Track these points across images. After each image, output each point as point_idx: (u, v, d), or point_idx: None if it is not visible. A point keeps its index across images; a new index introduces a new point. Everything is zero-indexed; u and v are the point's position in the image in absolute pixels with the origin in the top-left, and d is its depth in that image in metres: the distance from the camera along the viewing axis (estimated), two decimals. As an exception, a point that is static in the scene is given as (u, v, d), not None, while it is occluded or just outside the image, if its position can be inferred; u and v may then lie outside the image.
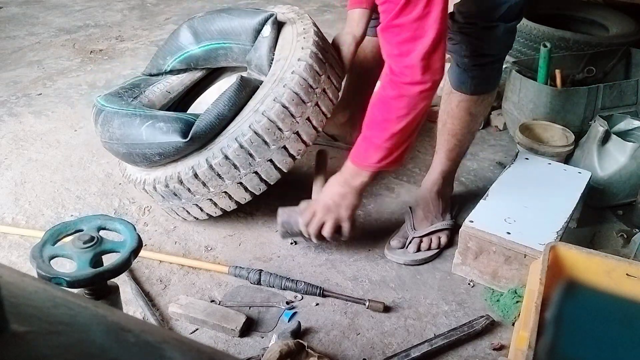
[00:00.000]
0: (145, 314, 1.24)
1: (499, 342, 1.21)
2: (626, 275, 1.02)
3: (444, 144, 1.46)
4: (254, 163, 1.33)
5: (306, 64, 1.36)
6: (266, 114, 1.31)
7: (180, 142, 1.31)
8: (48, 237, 0.92)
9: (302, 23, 1.50)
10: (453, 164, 1.50)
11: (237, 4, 3.41)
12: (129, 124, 1.37)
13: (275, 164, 1.36)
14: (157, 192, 1.41)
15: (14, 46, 2.73)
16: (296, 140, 1.36)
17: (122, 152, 1.41)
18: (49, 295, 0.30)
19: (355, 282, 1.36)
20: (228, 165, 1.32)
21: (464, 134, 1.43)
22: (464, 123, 1.41)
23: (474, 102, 1.38)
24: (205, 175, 1.33)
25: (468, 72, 1.34)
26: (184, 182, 1.35)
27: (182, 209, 1.44)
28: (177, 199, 1.40)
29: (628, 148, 1.56)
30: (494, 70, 1.37)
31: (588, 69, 2.01)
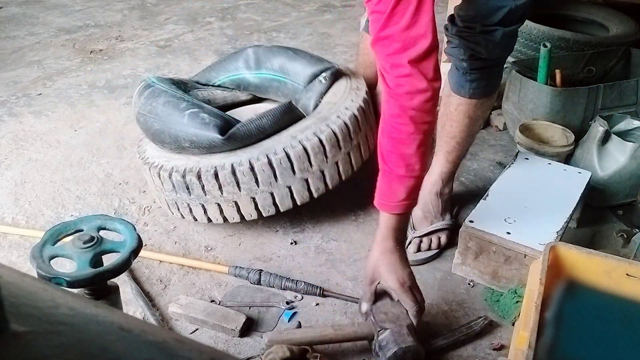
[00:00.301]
0: (145, 314, 1.24)
1: (499, 342, 1.21)
2: (626, 275, 1.02)
3: (443, 146, 1.46)
4: (274, 184, 1.37)
5: (352, 114, 1.45)
6: (303, 143, 1.37)
7: (216, 138, 1.34)
8: (48, 237, 0.92)
9: (357, 81, 1.60)
10: (452, 165, 1.50)
11: (237, 4, 3.41)
12: (175, 105, 1.41)
13: (292, 192, 1.40)
14: (170, 180, 1.40)
15: (14, 46, 2.73)
16: (319, 178, 1.42)
17: (155, 127, 1.42)
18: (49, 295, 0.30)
19: (355, 282, 1.36)
20: (250, 176, 1.35)
21: (463, 137, 1.43)
22: (463, 126, 1.41)
23: (473, 106, 1.38)
24: (225, 178, 1.35)
25: (467, 75, 1.34)
26: (202, 178, 1.36)
27: (186, 205, 1.44)
28: (187, 193, 1.40)
29: (628, 148, 1.56)
30: (492, 74, 1.36)
31: (588, 69, 2.00)
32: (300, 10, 3.33)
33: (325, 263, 1.42)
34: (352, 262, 1.42)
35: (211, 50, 2.74)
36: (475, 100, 1.37)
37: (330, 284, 1.35)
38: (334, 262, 1.42)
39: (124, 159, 1.84)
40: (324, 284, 1.34)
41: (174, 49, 2.74)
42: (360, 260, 1.43)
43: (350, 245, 1.48)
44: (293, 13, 3.26)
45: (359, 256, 1.45)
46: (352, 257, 1.44)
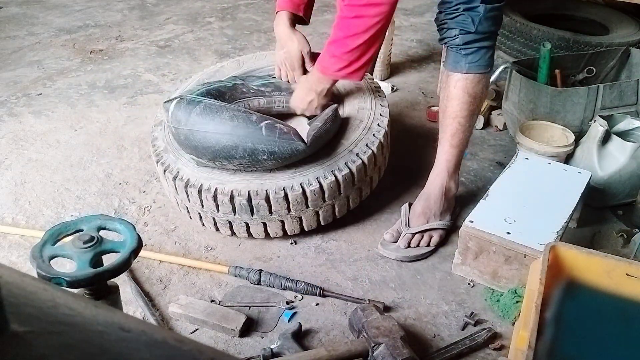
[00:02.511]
0: (145, 314, 1.24)
1: (499, 342, 1.21)
2: (626, 275, 1.02)
3: (446, 130, 1.48)
4: (337, 197, 1.43)
5: (388, 121, 1.53)
6: (360, 156, 1.42)
7: (301, 146, 1.33)
8: (48, 237, 0.92)
9: (371, 81, 1.68)
10: (456, 151, 1.49)
11: (237, 4, 3.41)
12: (246, 119, 1.35)
13: (349, 201, 1.48)
14: (232, 203, 1.37)
15: (14, 46, 2.73)
16: (368, 184, 1.53)
17: (224, 144, 1.33)
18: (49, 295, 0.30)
19: (355, 282, 1.36)
20: (319, 194, 1.38)
21: (465, 116, 1.45)
22: (463, 104, 1.44)
23: (470, 82, 1.43)
24: (295, 198, 1.36)
25: (461, 51, 1.42)
26: (270, 200, 1.35)
27: (243, 223, 1.42)
28: (249, 214, 1.39)
29: (628, 148, 1.56)
30: (483, 48, 1.42)
31: (588, 69, 2.01)
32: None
33: (325, 263, 1.42)
34: (352, 262, 1.42)
35: (211, 50, 2.74)
36: (472, 76, 1.43)
37: (330, 284, 1.35)
38: (334, 262, 1.42)
39: (124, 159, 1.84)
40: (324, 284, 1.34)
41: (174, 49, 2.74)
42: (360, 260, 1.43)
43: (350, 245, 1.48)
44: (293, 13, 3.25)
45: (359, 256, 1.45)
46: (352, 257, 1.44)
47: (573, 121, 1.77)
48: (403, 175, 1.80)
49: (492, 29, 1.42)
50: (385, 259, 1.44)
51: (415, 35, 3.02)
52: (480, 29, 1.39)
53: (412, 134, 2.05)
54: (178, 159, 1.45)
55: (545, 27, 2.18)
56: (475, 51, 1.42)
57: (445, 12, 1.41)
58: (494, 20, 1.41)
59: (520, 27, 2.21)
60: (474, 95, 1.45)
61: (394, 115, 2.16)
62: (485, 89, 1.48)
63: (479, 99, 1.47)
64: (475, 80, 1.44)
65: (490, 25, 1.40)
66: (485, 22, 1.39)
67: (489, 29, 1.41)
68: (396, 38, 2.72)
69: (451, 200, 1.54)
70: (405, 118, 2.16)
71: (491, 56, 1.45)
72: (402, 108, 2.23)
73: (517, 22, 2.22)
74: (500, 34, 2.28)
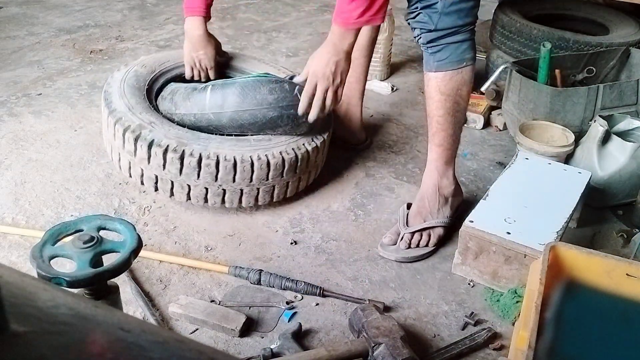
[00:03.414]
0: (145, 314, 1.24)
1: (499, 342, 1.21)
2: (626, 275, 1.02)
3: (429, 130, 1.48)
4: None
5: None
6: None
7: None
8: (48, 237, 0.92)
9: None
10: (441, 150, 1.47)
11: (237, 4, 3.41)
12: (281, 88, 1.45)
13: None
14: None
15: (14, 46, 2.73)
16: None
17: (270, 116, 1.46)
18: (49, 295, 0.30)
19: (355, 282, 1.36)
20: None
21: (442, 115, 1.43)
22: (437, 102, 1.42)
23: (441, 80, 1.40)
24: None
25: (428, 50, 1.41)
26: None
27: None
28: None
29: (628, 148, 1.56)
30: (452, 44, 1.38)
31: (588, 69, 2.01)
32: (300, 10, 3.33)
33: (325, 263, 1.42)
34: (352, 262, 1.42)
35: (211, 50, 2.74)
36: (442, 73, 1.40)
37: (330, 284, 1.35)
38: (334, 262, 1.42)
39: (124, 159, 1.83)
40: (324, 284, 1.34)
41: (174, 49, 2.74)
42: (360, 260, 1.43)
43: (350, 245, 1.48)
44: (293, 13, 3.26)
45: (359, 256, 1.45)
46: (352, 257, 1.44)
47: (573, 121, 1.77)
48: (403, 175, 1.80)
49: (458, 22, 1.37)
50: (385, 259, 1.44)
51: (415, 35, 3.02)
52: (442, 25, 1.36)
53: (412, 134, 2.05)
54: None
55: (545, 27, 2.18)
56: (443, 48, 1.38)
57: (407, 11, 1.40)
58: (459, 15, 1.36)
59: (520, 27, 2.21)
60: (448, 93, 1.41)
61: (394, 115, 2.16)
62: (463, 85, 1.42)
63: (456, 96, 1.43)
64: (447, 77, 1.40)
65: (455, 19, 1.36)
66: (446, 18, 1.35)
67: (453, 24, 1.36)
68: (396, 38, 2.72)
69: (447, 196, 1.52)
70: (405, 118, 2.16)
71: (465, 50, 1.40)
72: (402, 108, 2.23)
73: (517, 22, 2.22)
74: (500, 34, 2.29)
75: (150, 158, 1.42)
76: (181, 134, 1.45)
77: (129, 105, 1.50)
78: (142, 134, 1.42)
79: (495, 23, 2.34)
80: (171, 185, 1.47)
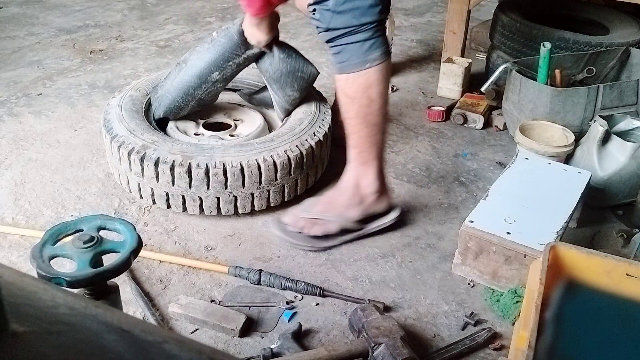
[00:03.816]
0: (145, 314, 1.24)
1: (499, 342, 1.21)
2: (626, 275, 1.02)
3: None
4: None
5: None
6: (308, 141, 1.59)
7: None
8: (48, 237, 0.92)
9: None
10: (356, 152, 1.41)
11: (237, 4, 3.41)
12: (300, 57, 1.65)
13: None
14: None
15: (14, 46, 2.73)
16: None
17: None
18: (49, 295, 0.30)
19: (355, 282, 1.36)
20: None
21: (350, 118, 1.37)
22: (345, 105, 1.37)
23: (344, 82, 1.34)
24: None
25: (330, 51, 1.35)
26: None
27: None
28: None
29: (628, 148, 1.56)
30: (349, 46, 1.29)
31: (588, 69, 2.01)
32: (300, 10, 3.33)
33: (325, 263, 1.42)
34: (352, 262, 1.42)
35: (211, 50, 2.74)
36: (345, 76, 1.33)
37: (330, 284, 1.35)
38: (334, 262, 1.42)
39: (124, 159, 1.83)
40: (324, 284, 1.34)
41: (174, 49, 2.74)
42: (360, 260, 1.43)
43: (350, 245, 1.48)
44: (293, 13, 3.26)
45: (359, 256, 1.45)
46: (352, 257, 1.44)
47: (573, 121, 1.77)
48: (403, 175, 1.80)
49: (353, 22, 1.26)
50: (385, 259, 1.44)
51: (415, 35, 3.03)
52: (335, 24, 1.27)
53: (412, 134, 2.05)
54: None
55: (545, 27, 2.18)
56: (342, 49, 1.30)
57: (309, 8, 1.31)
58: (353, 14, 1.25)
59: (520, 27, 2.21)
60: (353, 96, 1.34)
61: (394, 115, 2.16)
62: (370, 87, 1.32)
63: (362, 99, 1.34)
64: (350, 80, 1.32)
65: (349, 19, 1.26)
66: (340, 17, 1.26)
67: (347, 24, 1.26)
68: (396, 38, 2.73)
69: (366, 198, 1.44)
70: (405, 118, 2.16)
71: (369, 50, 1.29)
72: (402, 108, 2.23)
73: (517, 22, 2.22)
74: (500, 34, 2.29)
75: (158, 176, 1.44)
76: (185, 148, 1.46)
77: (129, 128, 1.53)
78: (147, 154, 1.44)
79: (495, 23, 2.34)
80: (182, 200, 1.48)
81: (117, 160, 1.52)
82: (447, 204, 1.67)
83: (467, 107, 2.11)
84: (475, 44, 2.84)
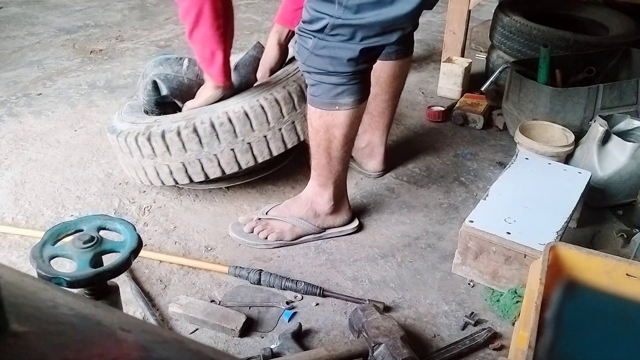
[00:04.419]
0: (145, 314, 1.24)
1: (499, 342, 1.21)
2: (626, 275, 1.02)
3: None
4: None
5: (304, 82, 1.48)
6: (274, 94, 1.47)
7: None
8: (48, 237, 0.92)
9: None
10: (316, 174, 1.43)
11: (237, 4, 3.41)
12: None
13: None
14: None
15: (14, 46, 2.73)
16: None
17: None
18: (49, 295, 0.30)
19: (355, 282, 1.36)
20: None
21: (313, 145, 1.38)
22: (310, 133, 1.38)
23: (312, 114, 1.33)
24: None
25: (306, 80, 1.35)
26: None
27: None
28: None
29: (628, 148, 1.56)
30: (322, 84, 1.27)
31: (588, 69, 2.00)
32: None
33: (325, 263, 1.42)
34: (352, 262, 1.42)
35: (211, 50, 2.74)
36: (313, 109, 1.32)
37: (330, 284, 1.35)
38: (334, 262, 1.42)
39: (124, 159, 1.84)
40: (324, 284, 1.34)
41: (174, 49, 2.74)
42: (360, 260, 1.43)
43: (350, 245, 1.48)
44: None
45: (359, 256, 1.45)
46: (352, 257, 1.44)
47: (573, 121, 1.77)
48: (403, 175, 1.80)
49: (328, 68, 1.22)
50: (385, 259, 1.44)
51: (415, 35, 3.02)
52: (310, 63, 1.24)
53: (412, 134, 2.05)
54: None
55: (545, 27, 2.18)
56: (316, 85, 1.27)
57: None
58: (330, 60, 1.21)
59: (520, 27, 2.21)
60: (317, 129, 1.32)
61: (395, 115, 2.15)
62: (335, 127, 1.30)
63: (327, 134, 1.32)
64: (317, 114, 1.31)
65: (325, 63, 1.22)
66: (316, 59, 1.22)
67: (322, 67, 1.23)
68: (396, 38, 2.72)
69: (321, 213, 1.47)
70: (405, 118, 2.16)
71: (340, 95, 1.26)
72: (402, 108, 2.23)
73: (517, 22, 2.22)
74: (500, 34, 2.29)
75: (169, 148, 1.45)
76: (185, 113, 1.48)
77: (130, 121, 1.55)
78: (152, 131, 1.45)
79: (495, 23, 2.34)
80: (200, 166, 1.48)
81: (129, 154, 1.52)
82: (447, 204, 1.67)
83: (467, 107, 2.11)
84: (475, 44, 2.84)
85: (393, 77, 1.66)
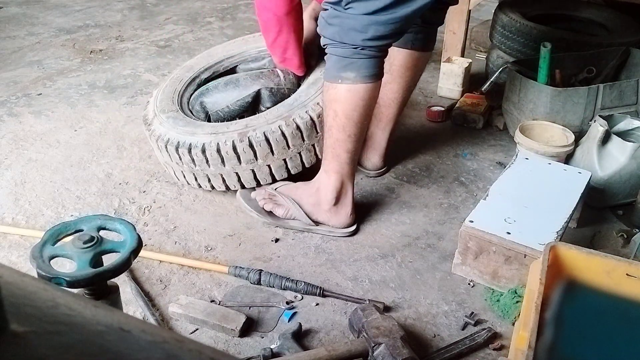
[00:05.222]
0: (145, 314, 1.24)
1: (499, 342, 1.21)
2: (626, 275, 1.02)
3: None
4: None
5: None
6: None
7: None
8: (48, 237, 0.92)
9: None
10: (327, 157, 1.45)
11: (237, 4, 3.41)
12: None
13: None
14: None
15: (14, 46, 2.73)
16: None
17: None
18: (49, 295, 0.30)
19: (355, 282, 1.36)
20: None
21: (323, 121, 1.45)
22: (323, 110, 1.45)
23: (323, 86, 1.43)
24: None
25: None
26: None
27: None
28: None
29: (628, 148, 1.56)
30: (332, 57, 1.35)
31: (588, 69, 2.00)
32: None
33: (325, 263, 1.42)
34: (352, 262, 1.42)
35: (211, 50, 2.74)
36: (323, 81, 1.42)
37: (330, 284, 1.35)
38: (334, 262, 1.42)
39: (124, 159, 1.84)
40: (324, 284, 1.34)
41: (174, 49, 2.75)
42: (360, 260, 1.43)
43: (350, 245, 1.48)
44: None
45: (359, 256, 1.45)
46: (352, 257, 1.44)
47: (573, 121, 1.77)
48: (403, 175, 1.80)
49: (336, 37, 1.31)
50: (385, 259, 1.44)
51: (415, 35, 3.02)
52: (324, 33, 1.35)
53: (412, 134, 2.05)
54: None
55: (545, 27, 2.18)
56: (328, 57, 1.37)
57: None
58: (338, 29, 1.30)
59: (520, 27, 2.21)
60: (324, 102, 1.41)
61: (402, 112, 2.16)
62: (336, 102, 1.36)
63: (329, 109, 1.38)
64: (325, 87, 1.40)
65: (335, 32, 1.31)
66: (329, 28, 1.32)
67: (332, 36, 1.32)
68: (396, 38, 2.72)
69: (321, 203, 1.48)
70: (405, 118, 2.15)
71: (344, 68, 1.31)
72: (402, 108, 2.23)
73: (517, 22, 2.22)
74: (500, 34, 2.29)
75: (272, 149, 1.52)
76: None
77: (207, 132, 1.56)
78: (250, 136, 1.50)
79: (495, 23, 2.34)
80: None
81: (220, 164, 1.54)
82: (447, 204, 1.67)
83: (467, 107, 2.11)
84: (475, 44, 2.84)
85: (405, 67, 1.65)
